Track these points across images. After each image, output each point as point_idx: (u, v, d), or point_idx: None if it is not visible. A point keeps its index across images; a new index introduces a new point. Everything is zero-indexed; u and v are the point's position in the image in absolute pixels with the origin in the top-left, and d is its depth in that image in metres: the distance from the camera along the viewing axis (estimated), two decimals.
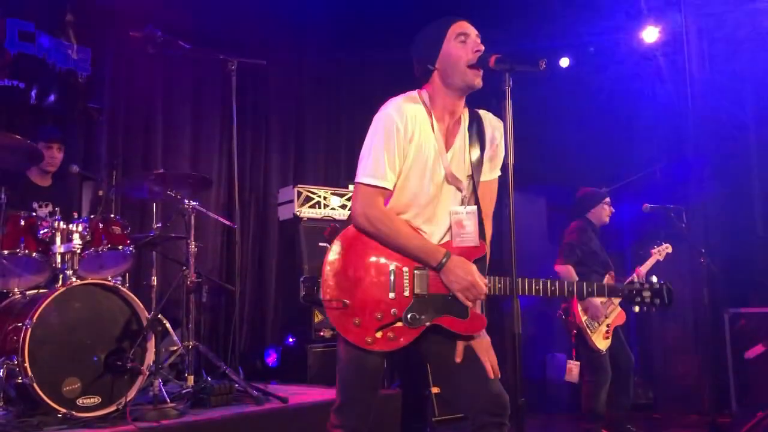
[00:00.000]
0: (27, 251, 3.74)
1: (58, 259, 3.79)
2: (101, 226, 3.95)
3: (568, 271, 4.68)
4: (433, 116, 2.29)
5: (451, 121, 2.34)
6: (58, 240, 3.79)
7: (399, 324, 2.13)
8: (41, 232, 3.79)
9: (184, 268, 4.36)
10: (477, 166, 2.32)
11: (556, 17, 6.46)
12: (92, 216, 4.02)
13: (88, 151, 5.53)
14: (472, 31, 2.30)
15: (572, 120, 7.13)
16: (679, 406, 6.03)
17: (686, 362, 6.15)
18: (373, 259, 2.17)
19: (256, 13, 6.40)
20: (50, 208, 4.53)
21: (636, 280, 4.66)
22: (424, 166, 2.25)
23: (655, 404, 6.14)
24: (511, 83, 2.17)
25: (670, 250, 4.95)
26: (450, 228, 2.28)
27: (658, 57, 6.59)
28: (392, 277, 2.14)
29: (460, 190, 2.32)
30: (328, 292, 2.15)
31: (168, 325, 4.50)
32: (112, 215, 4.13)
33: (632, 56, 6.84)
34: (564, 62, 7.48)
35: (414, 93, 2.33)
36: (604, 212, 4.93)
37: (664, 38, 6.61)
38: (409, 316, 2.13)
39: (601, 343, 4.62)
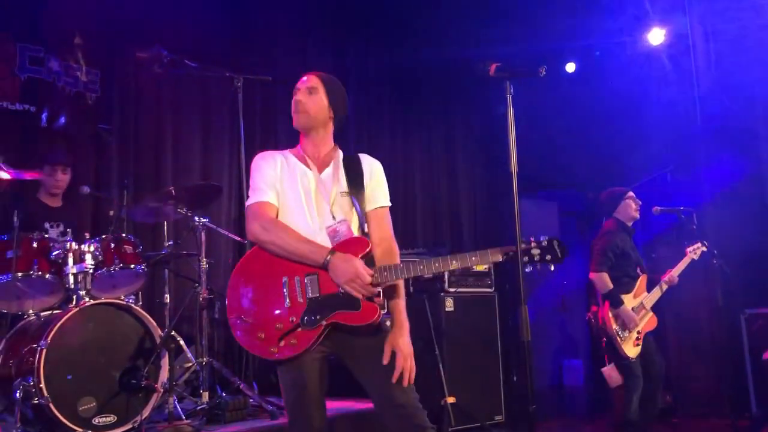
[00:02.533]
0: (40, 273, 3.79)
1: (71, 279, 3.83)
2: (113, 245, 4.00)
3: (602, 279, 4.58)
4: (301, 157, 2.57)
5: (320, 157, 2.57)
6: (70, 261, 3.83)
7: (299, 330, 2.25)
8: (54, 253, 3.83)
9: (196, 284, 4.39)
10: (355, 196, 2.48)
11: (560, 21, 6.47)
12: (104, 236, 4.05)
13: (98, 172, 5.58)
14: (303, 85, 2.59)
15: (580, 124, 7.13)
16: (699, 410, 5.97)
17: (704, 366, 6.09)
18: (266, 275, 2.32)
19: (261, 29, 6.46)
20: (61, 228, 4.57)
21: (669, 285, 4.64)
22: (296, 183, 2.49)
23: (674, 409, 6.08)
24: (512, 91, 2.18)
25: (705, 248, 4.84)
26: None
27: (664, 59, 6.57)
28: (286, 289, 2.29)
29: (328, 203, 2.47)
30: (231, 312, 2.32)
31: (182, 341, 4.53)
32: (124, 234, 4.17)
33: (638, 59, 6.83)
34: (570, 67, 7.49)
35: (286, 151, 2.63)
36: (630, 208, 4.81)
37: (669, 40, 6.60)
38: (305, 319, 2.25)
39: (631, 351, 4.52)
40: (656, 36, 6.65)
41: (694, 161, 6.36)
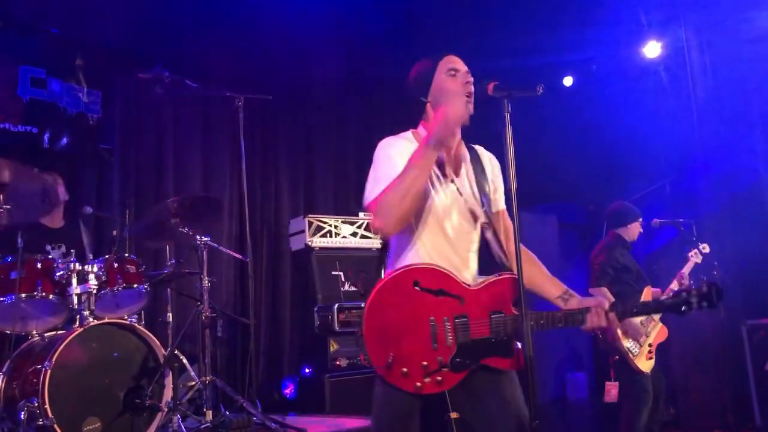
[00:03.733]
0: (44, 294, 3.81)
1: (75, 300, 3.85)
2: (116, 265, 4.02)
3: (602, 293, 4.55)
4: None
5: (449, 154, 2.37)
6: (74, 281, 3.86)
7: (445, 370, 2.15)
8: (58, 274, 3.86)
9: (199, 303, 4.40)
10: (485, 197, 2.36)
11: (557, 34, 6.52)
12: (107, 256, 4.08)
13: (100, 192, 5.61)
14: (462, 66, 2.36)
15: (578, 137, 7.17)
16: (702, 421, 5.95)
17: (707, 377, 6.08)
18: (410, 310, 2.15)
19: (261, 48, 6.52)
20: (63, 249, 4.59)
21: (679, 287, 4.62)
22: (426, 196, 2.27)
23: (677, 420, 6.07)
24: (510, 109, 2.20)
25: (707, 249, 4.84)
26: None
27: (661, 71, 6.63)
28: (433, 330, 2.14)
29: (475, 219, 2.35)
30: (372, 350, 2.14)
31: (185, 360, 4.53)
32: (126, 254, 4.19)
33: (635, 71, 6.88)
34: (567, 81, 7.56)
35: (408, 133, 2.39)
36: (636, 230, 4.84)
37: (666, 52, 6.66)
38: (455, 362, 2.14)
39: (645, 365, 4.47)
40: (652, 49, 6.71)
41: (692, 172, 6.39)
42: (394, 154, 2.25)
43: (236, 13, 6.15)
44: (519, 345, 2.23)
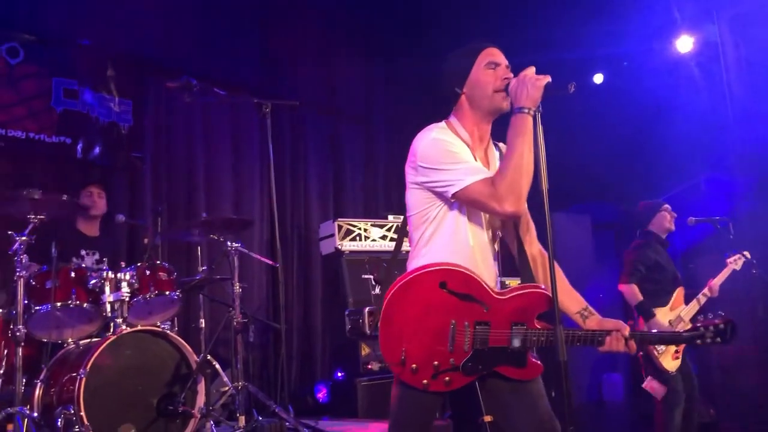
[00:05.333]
0: (78, 302, 3.86)
1: (108, 308, 3.90)
2: (148, 273, 4.06)
3: (631, 290, 4.51)
4: (469, 144, 2.28)
5: (481, 148, 2.33)
6: (107, 289, 3.91)
7: (456, 372, 2.13)
8: (91, 282, 3.91)
9: (231, 309, 4.42)
10: None
11: (587, 30, 6.42)
12: (139, 264, 4.12)
13: (132, 200, 5.69)
14: (503, 61, 2.30)
15: (611, 135, 7.05)
16: (743, 423, 5.81)
17: (747, 378, 5.93)
18: (432, 308, 2.14)
19: (287, 53, 6.55)
20: (97, 256, 4.65)
21: (710, 294, 4.53)
22: None
23: (717, 423, 5.93)
24: (541, 109, 2.15)
25: (748, 256, 4.72)
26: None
27: (693, 66, 6.49)
28: (452, 333, 2.12)
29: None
30: (385, 342, 2.14)
31: (218, 366, 4.56)
32: (158, 262, 4.23)
33: (666, 67, 6.75)
34: (598, 78, 7.44)
35: (442, 124, 2.32)
36: (665, 220, 4.75)
37: (699, 47, 6.52)
38: (467, 366, 2.12)
39: (670, 364, 4.39)
40: (685, 43, 6.57)
41: (728, 169, 6.24)
42: (450, 138, 2.21)
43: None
44: (535, 356, 2.20)
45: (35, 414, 3.55)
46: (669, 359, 4.42)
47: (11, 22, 5.23)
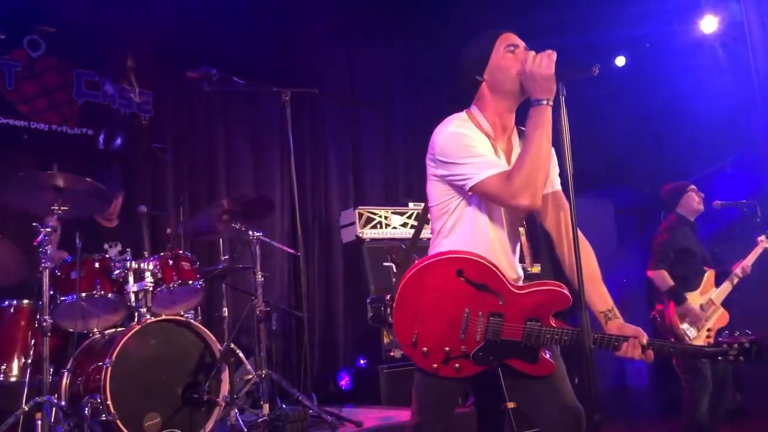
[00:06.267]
0: (103, 292, 3.89)
1: (132, 297, 3.93)
2: (171, 262, 4.09)
3: (661, 276, 4.45)
4: (490, 135, 2.25)
5: (504, 138, 2.30)
6: (131, 279, 3.94)
7: (466, 360, 2.13)
8: (115, 272, 3.94)
9: (253, 297, 4.44)
10: None
11: (608, 11, 6.30)
12: (162, 253, 4.15)
13: (154, 191, 5.73)
14: (521, 43, 2.27)
15: (633, 119, 6.96)
16: None
17: None
18: (447, 293, 2.14)
19: (306, 43, 6.52)
20: (119, 247, 4.69)
21: (743, 274, 4.43)
22: None
23: (744, 408, 5.86)
24: (564, 92, 2.11)
25: None
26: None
27: (717, 47, 6.36)
28: (465, 321, 2.12)
29: None
30: (398, 324, 2.15)
31: (241, 354, 4.59)
32: (181, 251, 4.25)
33: (690, 48, 6.63)
34: (620, 61, 7.33)
35: (463, 114, 2.28)
36: (693, 201, 4.66)
37: (723, 27, 6.39)
38: (478, 355, 2.12)
39: None
40: (709, 24, 6.44)
41: (754, 151, 6.13)
42: (468, 131, 2.19)
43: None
44: (548, 354, 2.18)
45: (63, 403, 3.60)
46: (702, 344, 4.35)
47: (32, 15, 5.27)
